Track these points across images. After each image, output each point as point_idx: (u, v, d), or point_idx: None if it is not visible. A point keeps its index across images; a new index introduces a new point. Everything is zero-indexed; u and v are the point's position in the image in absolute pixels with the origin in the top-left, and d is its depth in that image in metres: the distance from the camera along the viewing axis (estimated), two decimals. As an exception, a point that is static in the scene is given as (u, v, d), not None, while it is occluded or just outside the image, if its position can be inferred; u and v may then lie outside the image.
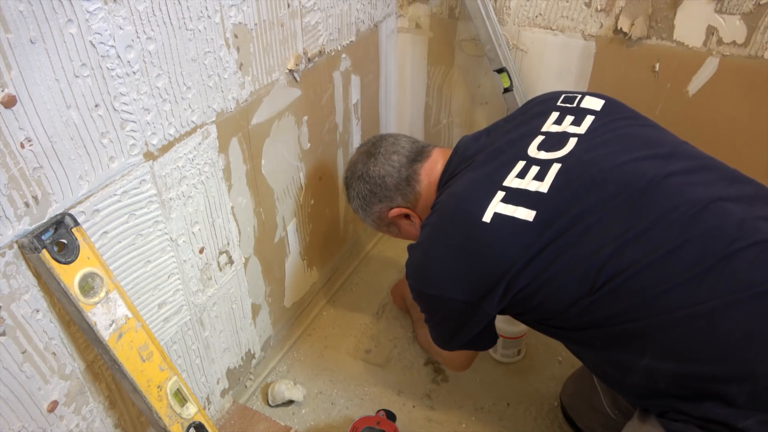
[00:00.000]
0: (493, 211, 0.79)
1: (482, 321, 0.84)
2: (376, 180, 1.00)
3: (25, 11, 0.57)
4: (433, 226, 0.87)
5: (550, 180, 0.79)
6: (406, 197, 1.00)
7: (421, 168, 0.99)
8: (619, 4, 1.17)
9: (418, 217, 1.01)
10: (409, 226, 1.04)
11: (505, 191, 0.80)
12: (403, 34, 1.46)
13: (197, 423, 0.84)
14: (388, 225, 1.06)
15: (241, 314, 1.11)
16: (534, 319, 0.84)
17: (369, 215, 1.06)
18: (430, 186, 0.98)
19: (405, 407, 1.21)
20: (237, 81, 0.91)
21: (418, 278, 0.88)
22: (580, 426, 1.11)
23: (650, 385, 0.73)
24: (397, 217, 1.02)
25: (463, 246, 0.81)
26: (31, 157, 0.62)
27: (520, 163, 0.83)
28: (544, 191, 0.78)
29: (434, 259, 0.84)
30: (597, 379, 1.05)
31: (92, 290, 0.70)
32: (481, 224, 0.79)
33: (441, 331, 0.92)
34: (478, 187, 0.84)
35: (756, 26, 1.07)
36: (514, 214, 0.77)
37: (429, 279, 0.85)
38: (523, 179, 0.81)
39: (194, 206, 0.90)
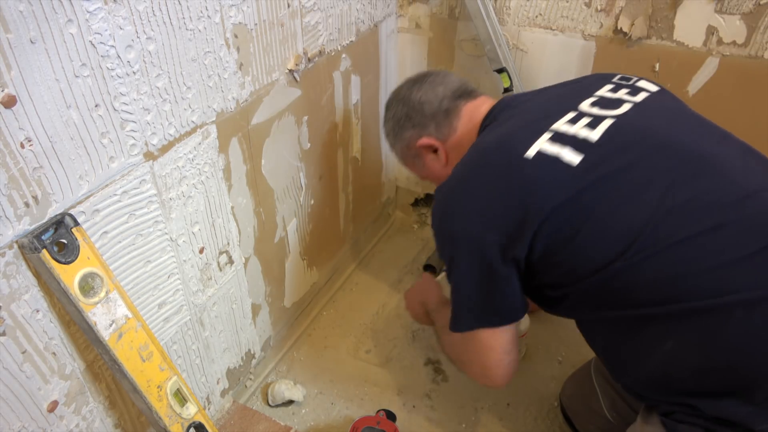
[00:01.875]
0: (537, 149, 0.74)
1: (507, 270, 0.77)
2: (414, 104, 0.97)
3: (25, 11, 0.57)
4: (469, 161, 0.82)
5: (602, 131, 0.75)
6: (440, 129, 0.96)
7: (464, 106, 0.95)
8: (619, 4, 1.17)
9: (445, 154, 0.97)
10: (434, 162, 1.00)
11: (553, 133, 0.76)
12: (403, 34, 1.46)
13: (197, 423, 0.84)
14: (413, 156, 1.02)
15: (241, 314, 1.11)
16: (557, 282, 0.78)
17: (399, 141, 1.02)
18: (470, 126, 0.94)
19: (405, 407, 1.21)
20: (237, 81, 0.91)
21: (445, 214, 0.81)
22: (577, 427, 1.11)
23: (666, 375, 0.70)
24: (425, 148, 0.98)
25: (500, 180, 0.76)
26: (31, 157, 0.62)
27: (571, 113, 0.80)
28: (594, 139, 0.74)
29: (467, 192, 0.79)
30: (596, 380, 1.05)
31: (92, 290, 0.70)
32: (523, 160, 0.74)
33: (464, 289, 0.82)
34: (523, 128, 0.80)
35: (756, 26, 1.07)
36: (559, 155, 0.73)
37: (458, 215, 0.79)
38: (572, 126, 0.77)
39: (194, 206, 0.90)
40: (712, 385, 0.67)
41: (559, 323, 1.38)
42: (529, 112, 0.84)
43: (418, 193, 1.73)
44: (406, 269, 1.59)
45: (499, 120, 0.87)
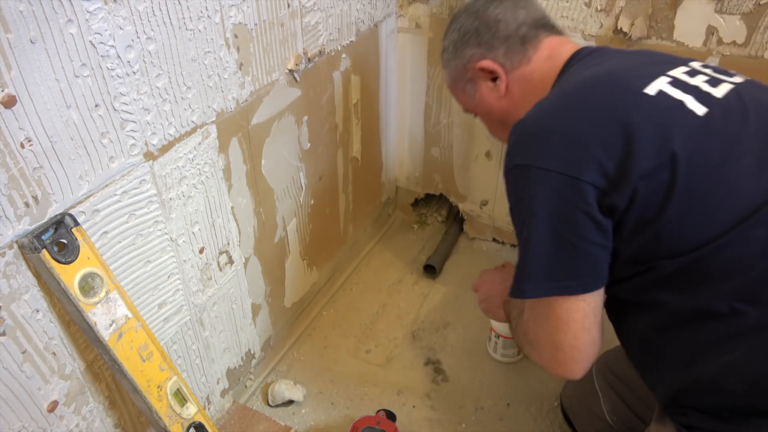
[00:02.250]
0: (659, 88, 0.64)
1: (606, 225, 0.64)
2: (489, 21, 0.83)
3: (25, 11, 0.57)
4: (565, 91, 0.71)
5: (724, 91, 0.66)
6: (510, 56, 0.82)
7: (547, 38, 0.83)
8: (619, 4, 1.17)
9: (506, 84, 0.84)
10: (490, 92, 0.86)
11: (672, 78, 0.66)
12: (403, 34, 1.46)
13: (197, 423, 0.84)
14: (467, 80, 0.88)
15: (241, 314, 1.11)
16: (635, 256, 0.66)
17: (456, 58, 0.88)
18: (549, 63, 0.81)
19: (405, 407, 1.21)
20: (237, 81, 0.91)
21: (529, 148, 0.67)
22: (577, 429, 1.11)
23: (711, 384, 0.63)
24: (485, 73, 0.85)
25: (611, 109, 0.64)
26: (31, 157, 0.62)
27: (683, 67, 0.70)
28: (717, 95, 0.65)
29: (563, 122, 0.66)
30: (598, 383, 1.04)
31: (92, 290, 0.70)
32: (642, 94, 0.64)
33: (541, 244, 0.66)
34: (634, 68, 0.69)
35: (756, 26, 1.07)
36: (683, 100, 0.64)
37: (547, 147, 0.65)
38: (691, 78, 0.67)
39: (194, 206, 0.90)
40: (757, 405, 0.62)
41: (559, 323, 1.38)
42: (631, 59, 0.74)
43: (418, 193, 1.73)
44: (406, 269, 1.59)
45: (589, 62, 0.76)
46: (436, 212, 1.77)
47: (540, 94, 0.77)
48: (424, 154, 1.63)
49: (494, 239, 1.67)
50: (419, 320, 1.42)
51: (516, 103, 0.84)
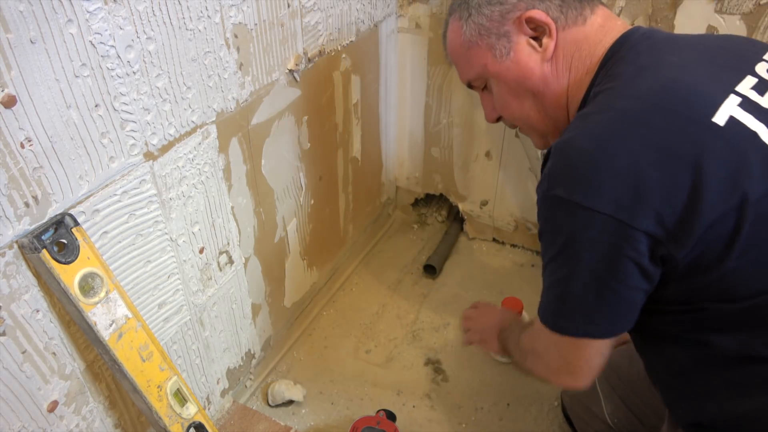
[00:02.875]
0: (729, 114, 0.56)
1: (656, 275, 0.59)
2: None
3: (25, 11, 0.57)
4: (620, 113, 0.59)
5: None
6: (566, 8, 0.68)
7: (600, 7, 0.71)
8: (619, 4, 1.17)
9: (554, 46, 0.70)
10: (528, 54, 0.71)
11: (741, 98, 0.58)
12: (403, 34, 1.46)
13: (197, 423, 0.84)
14: (500, 35, 0.71)
15: (241, 314, 1.11)
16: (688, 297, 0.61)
17: (491, 5, 0.71)
18: (601, 35, 0.69)
19: (405, 407, 1.21)
20: (237, 81, 0.91)
21: (578, 180, 0.58)
22: (577, 429, 1.10)
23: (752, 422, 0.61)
24: (529, 27, 0.70)
25: (676, 148, 0.55)
26: (31, 157, 0.62)
27: (750, 77, 0.61)
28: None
29: (623, 155, 0.56)
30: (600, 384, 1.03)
31: (92, 290, 0.70)
32: (712, 125, 0.55)
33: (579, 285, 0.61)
34: (700, 78, 0.60)
35: (756, 26, 1.07)
36: (757, 131, 0.56)
37: (600, 184, 0.56)
38: (762, 96, 0.59)
39: (194, 206, 0.90)
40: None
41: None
42: (694, 61, 0.63)
43: (418, 193, 1.73)
44: (406, 269, 1.59)
45: (642, 57, 0.65)
46: (436, 212, 1.77)
47: (584, 71, 0.69)
48: (424, 154, 1.63)
49: (494, 239, 1.67)
50: (419, 320, 1.42)
51: (559, 72, 0.71)
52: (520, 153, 1.46)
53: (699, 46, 0.66)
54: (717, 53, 0.65)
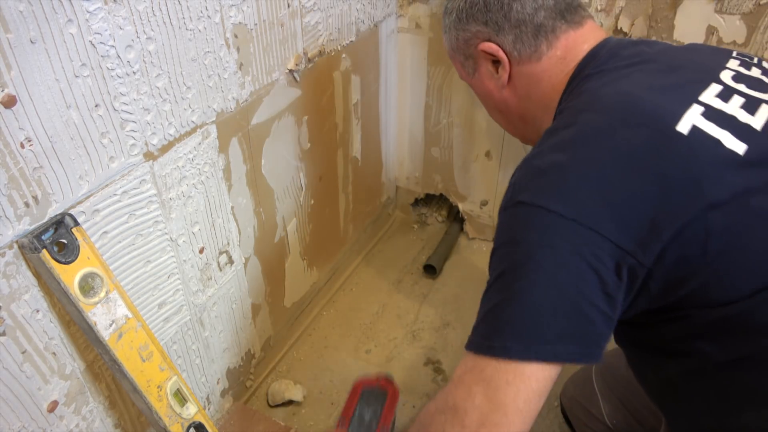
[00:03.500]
0: (692, 123, 0.56)
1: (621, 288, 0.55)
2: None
3: (25, 11, 0.57)
4: (587, 125, 0.59)
5: (764, 120, 0.59)
6: (519, 45, 0.72)
7: (564, 33, 0.72)
8: (619, 4, 1.17)
9: (509, 75, 0.74)
10: (489, 78, 0.77)
11: (704, 107, 0.58)
12: (403, 34, 1.46)
13: (197, 423, 0.84)
14: (466, 56, 0.78)
15: (241, 314, 1.11)
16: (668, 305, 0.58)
17: (458, 29, 0.77)
18: (562, 64, 0.72)
19: (405, 407, 1.21)
20: (237, 81, 0.91)
21: (543, 187, 0.57)
22: (576, 430, 1.10)
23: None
24: (487, 55, 0.75)
25: (644, 158, 0.55)
26: (31, 157, 0.62)
27: (714, 85, 0.61)
28: (756, 127, 0.57)
29: (589, 163, 0.56)
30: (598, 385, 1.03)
31: (92, 290, 0.70)
32: (675, 134, 0.55)
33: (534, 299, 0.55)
34: (663, 91, 0.60)
35: (756, 26, 1.07)
36: (720, 138, 0.56)
37: (567, 192, 0.56)
38: (726, 103, 0.59)
39: (194, 206, 0.90)
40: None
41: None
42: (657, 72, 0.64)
43: (418, 193, 1.73)
44: (406, 269, 1.59)
45: (609, 71, 0.66)
46: (436, 212, 1.77)
47: (548, 98, 0.72)
48: (424, 154, 1.63)
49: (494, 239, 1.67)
50: (419, 320, 1.42)
51: (520, 98, 0.76)
52: (520, 153, 1.46)
53: (663, 57, 0.67)
54: (681, 64, 0.65)
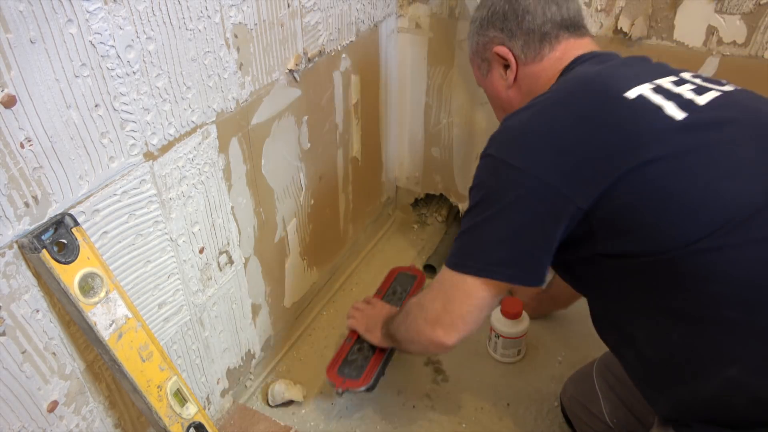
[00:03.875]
0: (639, 93, 0.66)
1: (557, 227, 0.66)
2: (518, 9, 0.84)
3: (25, 11, 0.57)
4: (555, 92, 0.73)
5: (709, 98, 0.67)
6: (527, 49, 0.85)
7: (565, 40, 0.84)
8: (619, 4, 1.17)
9: (515, 76, 0.87)
10: (499, 78, 0.89)
11: (656, 85, 0.68)
12: (403, 34, 1.46)
13: (197, 423, 0.84)
14: (483, 59, 0.92)
15: (241, 314, 1.11)
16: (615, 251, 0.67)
17: (479, 35, 0.90)
18: (557, 65, 0.84)
19: (405, 407, 1.21)
20: (237, 81, 0.91)
21: (507, 142, 0.71)
22: (577, 430, 1.11)
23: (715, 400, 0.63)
24: (500, 57, 0.87)
25: (589, 115, 0.66)
26: (31, 157, 0.62)
27: (672, 77, 0.72)
28: (700, 103, 0.66)
29: (543, 124, 0.69)
30: (598, 384, 1.03)
31: (92, 290, 0.70)
32: (622, 98, 0.66)
33: (490, 231, 0.71)
34: (622, 73, 0.71)
35: (756, 26, 1.07)
36: (662, 105, 0.65)
37: (523, 145, 0.69)
38: (677, 87, 0.69)
39: (194, 206, 0.90)
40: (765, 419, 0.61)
41: (559, 323, 1.38)
42: (626, 65, 0.76)
43: (418, 193, 1.73)
44: (406, 269, 1.59)
45: (585, 66, 0.79)
46: (436, 212, 1.77)
47: (543, 90, 0.79)
48: (424, 154, 1.63)
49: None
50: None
51: (522, 96, 0.86)
52: (520, 153, 1.46)
53: (634, 61, 0.79)
54: (649, 67, 0.77)
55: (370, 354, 1.14)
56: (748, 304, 0.60)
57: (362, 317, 1.17)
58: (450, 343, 0.81)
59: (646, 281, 0.66)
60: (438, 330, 0.81)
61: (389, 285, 1.37)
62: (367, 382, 1.10)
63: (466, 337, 0.81)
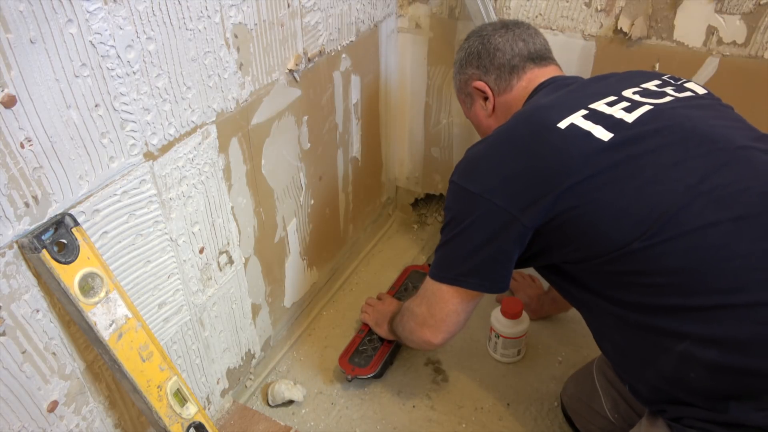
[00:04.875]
0: (571, 122, 0.76)
1: (510, 242, 0.78)
2: (490, 48, 0.97)
3: (25, 11, 0.57)
4: (504, 127, 0.84)
5: (638, 114, 0.76)
6: (499, 82, 0.97)
7: (530, 70, 0.96)
8: (619, 4, 1.17)
9: (493, 106, 0.99)
10: (481, 109, 1.01)
11: (589, 111, 0.78)
12: (403, 34, 1.46)
13: (197, 423, 0.84)
14: (466, 94, 1.04)
15: (241, 314, 1.11)
16: (569, 259, 0.78)
17: (461, 73, 1.03)
18: (524, 93, 0.96)
19: (405, 407, 1.21)
20: (237, 81, 0.91)
21: (465, 171, 0.84)
22: (578, 427, 1.11)
23: (678, 375, 0.69)
24: (478, 91, 0.99)
25: (528, 146, 0.77)
26: (31, 157, 0.62)
27: (611, 97, 0.81)
28: (628, 121, 0.75)
29: (493, 154, 0.82)
30: (598, 380, 1.04)
31: (92, 290, 0.70)
32: (554, 128, 0.76)
33: (456, 247, 0.85)
34: (562, 102, 0.82)
35: (756, 26, 1.07)
36: (591, 130, 0.74)
37: (477, 174, 0.82)
38: (611, 108, 0.78)
39: (194, 206, 0.90)
40: (727, 389, 0.66)
41: (559, 323, 1.38)
42: (572, 91, 0.85)
43: (418, 193, 1.73)
44: (406, 269, 1.59)
45: (541, 95, 0.90)
46: (436, 212, 1.77)
47: None
48: (424, 154, 1.63)
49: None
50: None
51: (499, 122, 0.93)
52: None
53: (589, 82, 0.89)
54: (594, 87, 0.85)
55: (378, 345, 1.27)
56: (683, 290, 0.68)
57: (373, 312, 1.30)
58: (437, 342, 0.95)
59: (598, 281, 0.76)
60: (426, 331, 0.96)
61: (402, 282, 1.48)
62: (373, 370, 1.23)
63: (451, 336, 0.94)
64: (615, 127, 0.75)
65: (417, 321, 0.97)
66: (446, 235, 0.86)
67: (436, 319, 0.92)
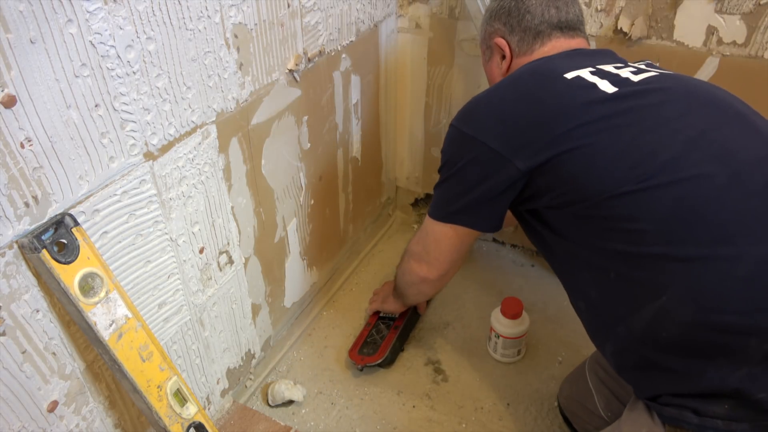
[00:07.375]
0: (577, 74, 0.78)
1: (502, 183, 0.80)
2: (521, 8, 0.95)
3: (25, 11, 0.57)
4: (511, 75, 0.86)
5: (644, 76, 0.79)
6: (521, 44, 0.95)
7: (556, 39, 0.94)
8: (619, 4, 1.17)
9: (509, 66, 0.98)
10: (496, 66, 1.00)
11: (595, 68, 0.80)
12: (403, 34, 1.46)
13: (197, 423, 0.84)
14: (487, 46, 1.03)
15: (241, 314, 1.12)
16: (556, 203, 0.78)
17: (488, 25, 1.01)
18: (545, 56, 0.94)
19: (405, 407, 1.21)
20: (237, 81, 0.91)
21: (464, 114, 0.86)
22: (576, 428, 1.11)
23: (651, 334, 0.70)
24: (498, 48, 0.98)
25: (531, 92, 0.80)
26: (31, 157, 0.62)
27: (618, 63, 0.84)
28: (633, 80, 0.78)
29: (493, 98, 0.84)
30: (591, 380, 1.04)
31: (92, 290, 0.70)
32: (560, 77, 0.78)
33: (450, 187, 0.88)
34: (571, 60, 0.84)
35: (756, 26, 1.07)
36: (597, 83, 0.76)
37: (475, 117, 0.84)
38: (616, 69, 0.81)
39: (194, 206, 0.90)
40: (700, 347, 0.67)
41: (559, 323, 1.38)
42: (581, 56, 0.87)
43: (418, 193, 1.73)
44: (406, 269, 1.59)
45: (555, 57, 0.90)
46: (436, 212, 1.77)
47: None
48: (424, 154, 1.63)
49: (494, 239, 1.67)
50: (419, 320, 1.42)
51: None
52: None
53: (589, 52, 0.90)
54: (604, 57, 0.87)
55: (385, 334, 1.31)
56: (668, 238, 0.68)
57: (379, 295, 1.38)
58: (432, 277, 1.00)
59: (584, 226, 0.76)
60: (423, 266, 1.01)
61: None
62: (381, 356, 1.26)
63: (445, 273, 1.00)
64: (620, 83, 0.76)
65: (414, 258, 1.02)
66: (442, 176, 0.89)
67: (431, 256, 0.97)
